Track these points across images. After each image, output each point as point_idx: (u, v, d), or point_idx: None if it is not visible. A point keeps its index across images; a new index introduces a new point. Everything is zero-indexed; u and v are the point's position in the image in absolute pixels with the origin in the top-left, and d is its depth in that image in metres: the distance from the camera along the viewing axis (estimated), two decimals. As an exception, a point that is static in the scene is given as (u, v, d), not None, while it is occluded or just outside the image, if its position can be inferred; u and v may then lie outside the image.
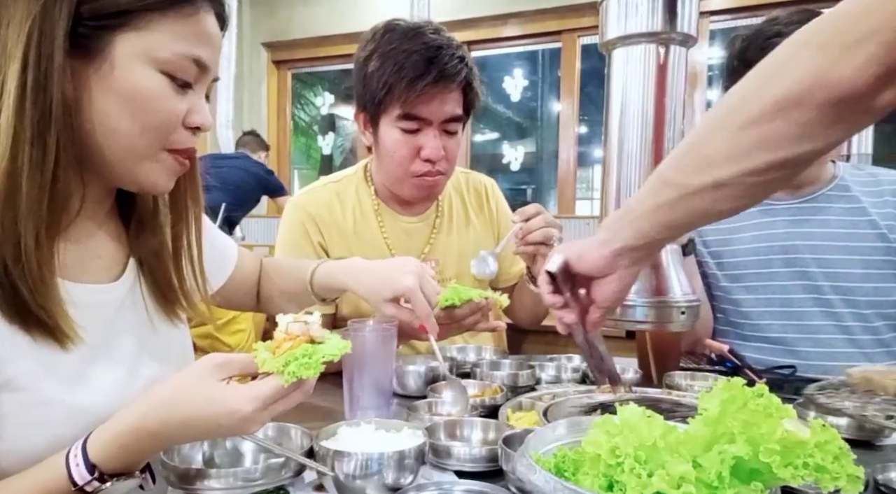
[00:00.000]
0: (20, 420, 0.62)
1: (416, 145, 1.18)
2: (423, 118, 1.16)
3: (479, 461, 0.70)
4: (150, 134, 0.65)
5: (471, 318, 1.08)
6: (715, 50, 3.43)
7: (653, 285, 0.80)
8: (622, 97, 0.80)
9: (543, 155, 4.56)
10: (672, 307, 0.80)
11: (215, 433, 0.60)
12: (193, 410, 0.58)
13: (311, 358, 0.60)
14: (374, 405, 0.90)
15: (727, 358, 1.14)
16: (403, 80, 1.11)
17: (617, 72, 0.81)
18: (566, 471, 0.51)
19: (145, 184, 0.69)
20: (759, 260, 1.25)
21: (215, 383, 0.59)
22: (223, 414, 0.58)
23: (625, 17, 0.78)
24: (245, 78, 4.30)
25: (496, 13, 3.77)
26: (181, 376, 0.61)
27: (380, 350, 0.91)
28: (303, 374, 0.59)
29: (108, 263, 0.75)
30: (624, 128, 0.81)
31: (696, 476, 0.46)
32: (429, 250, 1.32)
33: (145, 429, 0.58)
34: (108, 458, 0.58)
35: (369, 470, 0.63)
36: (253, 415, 0.58)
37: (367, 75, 1.17)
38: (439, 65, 1.12)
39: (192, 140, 0.70)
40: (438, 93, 1.14)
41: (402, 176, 1.21)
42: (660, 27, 0.76)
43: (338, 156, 4.98)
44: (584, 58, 3.67)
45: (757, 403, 0.48)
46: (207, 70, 0.68)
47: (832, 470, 0.45)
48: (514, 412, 0.88)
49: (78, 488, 0.57)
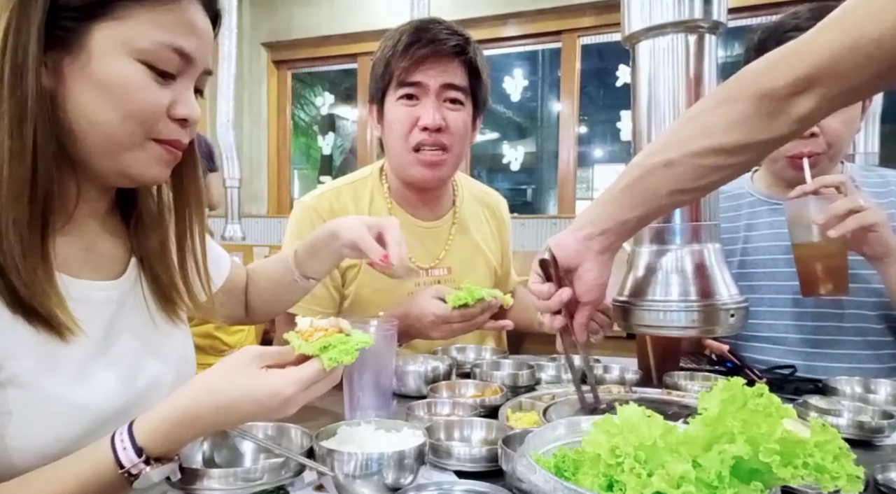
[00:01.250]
0: (26, 417, 0.62)
1: (414, 115, 1.18)
2: (419, 82, 1.17)
3: (479, 461, 0.70)
4: (131, 124, 0.65)
5: (481, 317, 1.10)
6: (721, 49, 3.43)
7: (698, 287, 0.77)
8: (650, 92, 0.77)
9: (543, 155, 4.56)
10: (720, 310, 0.76)
11: (259, 415, 0.63)
12: (239, 393, 0.61)
13: (348, 345, 0.64)
14: (374, 405, 0.90)
15: (727, 358, 1.14)
16: (398, 50, 1.16)
17: (644, 65, 0.77)
18: (566, 471, 0.51)
19: (135, 174, 0.69)
20: (764, 258, 1.25)
21: (256, 369, 0.63)
22: (266, 397, 0.61)
23: (649, 8, 0.75)
24: (245, 78, 4.30)
25: (496, 13, 3.77)
26: (222, 365, 0.64)
27: (380, 350, 0.91)
28: (343, 360, 0.63)
29: (110, 261, 0.75)
30: (656, 124, 0.77)
31: (696, 475, 0.46)
32: (444, 255, 1.31)
33: (193, 413, 0.61)
34: (154, 442, 0.60)
35: (369, 470, 0.63)
36: (294, 397, 0.61)
37: (373, 66, 1.22)
38: (431, 32, 1.16)
39: (179, 132, 0.69)
40: (433, 58, 1.16)
41: (404, 151, 1.21)
42: (687, 15, 0.74)
43: (338, 156, 4.98)
44: (584, 58, 3.67)
45: (757, 403, 0.48)
46: (193, 61, 0.67)
47: (832, 470, 0.45)
48: (514, 412, 0.88)
49: (124, 470, 0.59)
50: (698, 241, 0.77)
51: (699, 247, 0.77)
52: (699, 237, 0.77)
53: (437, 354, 1.21)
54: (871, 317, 1.18)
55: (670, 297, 0.76)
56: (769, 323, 1.24)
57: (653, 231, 0.78)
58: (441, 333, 1.09)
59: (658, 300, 0.77)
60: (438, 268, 1.31)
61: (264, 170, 4.36)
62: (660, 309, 0.77)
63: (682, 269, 0.77)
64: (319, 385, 0.64)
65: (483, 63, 1.23)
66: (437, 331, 1.09)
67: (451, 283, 1.27)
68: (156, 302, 0.78)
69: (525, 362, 1.11)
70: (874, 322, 1.18)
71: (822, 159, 1.16)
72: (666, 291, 0.77)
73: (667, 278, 0.77)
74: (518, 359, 1.16)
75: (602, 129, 4.60)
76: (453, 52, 1.17)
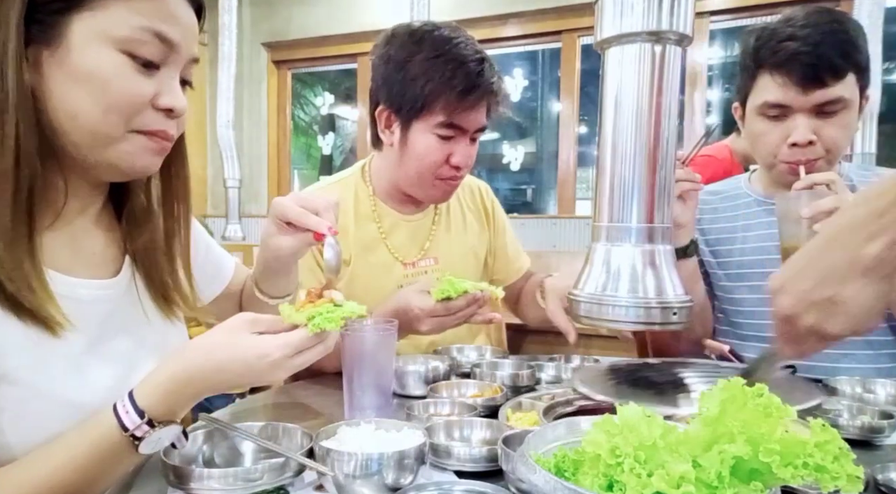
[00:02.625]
0: (19, 414, 0.62)
1: (448, 151, 1.20)
2: (462, 127, 1.18)
3: (479, 461, 0.70)
4: (113, 116, 0.64)
5: (467, 310, 1.09)
6: (715, 50, 3.42)
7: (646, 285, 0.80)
8: (616, 97, 0.80)
9: (543, 155, 4.57)
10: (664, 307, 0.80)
11: (248, 377, 0.65)
12: (228, 354, 0.64)
13: (334, 314, 0.67)
14: (374, 405, 0.90)
15: (727, 359, 1.14)
16: (455, 91, 1.13)
17: (612, 71, 0.80)
18: (566, 471, 0.51)
19: (125, 167, 0.68)
20: (761, 259, 1.25)
21: (247, 333, 0.66)
22: (254, 357, 0.64)
23: (620, 16, 0.77)
24: (245, 78, 4.30)
25: (496, 13, 3.77)
26: (215, 329, 0.67)
27: (380, 350, 0.91)
28: (326, 326, 0.66)
29: (104, 260, 0.75)
30: (618, 128, 0.80)
31: (696, 475, 0.46)
32: (429, 246, 1.33)
33: (186, 374, 0.64)
34: (155, 404, 0.63)
35: (369, 470, 0.63)
36: (281, 361, 0.64)
37: (408, 78, 1.16)
38: (487, 78, 1.16)
39: (165, 122, 0.69)
40: (480, 105, 1.18)
41: (428, 179, 1.23)
42: (655, 26, 0.76)
43: (338, 156, 4.98)
44: (584, 58, 3.67)
45: (757, 403, 0.48)
46: (176, 48, 0.67)
47: (832, 470, 0.45)
48: (514, 412, 0.88)
49: (129, 433, 0.61)
50: (651, 242, 0.80)
51: (651, 247, 0.80)
52: (652, 238, 0.80)
53: (437, 354, 1.21)
54: None
55: (619, 293, 0.79)
56: (767, 324, 1.24)
57: (609, 229, 0.81)
58: (428, 327, 1.09)
59: (608, 295, 0.80)
60: (425, 259, 1.32)
61: (264, 170, 4.36)
62: (609, 303, 0.80)
63: (632, 267, 0.80)
64: (310, 352, 0.67)
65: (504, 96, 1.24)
66: (424, 325, 1.09)
67: (439, 274, 1.28)
68: (151, 301, 0.79)
69: (525, 362, 1.11)
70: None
71: (820, 164, 1.16)
72: (616, 287, 0.80)
73: (618, 275, 0.80)
74: (518, 359, 1.16)
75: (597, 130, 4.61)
76: (496, 95, 1.20)
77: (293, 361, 0.66)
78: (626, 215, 0.80)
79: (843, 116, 1.14)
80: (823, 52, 1.09)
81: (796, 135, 1.13)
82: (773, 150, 1.18)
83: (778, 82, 1.13)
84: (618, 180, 0.81)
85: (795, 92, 1.11)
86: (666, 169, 0.80)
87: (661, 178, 0.79)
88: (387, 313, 1.10)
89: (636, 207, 0.80)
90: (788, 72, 1.11)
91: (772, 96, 1.14)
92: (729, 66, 3.71)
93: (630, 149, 0.79)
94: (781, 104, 1.14)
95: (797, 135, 1.13)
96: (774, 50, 1.12)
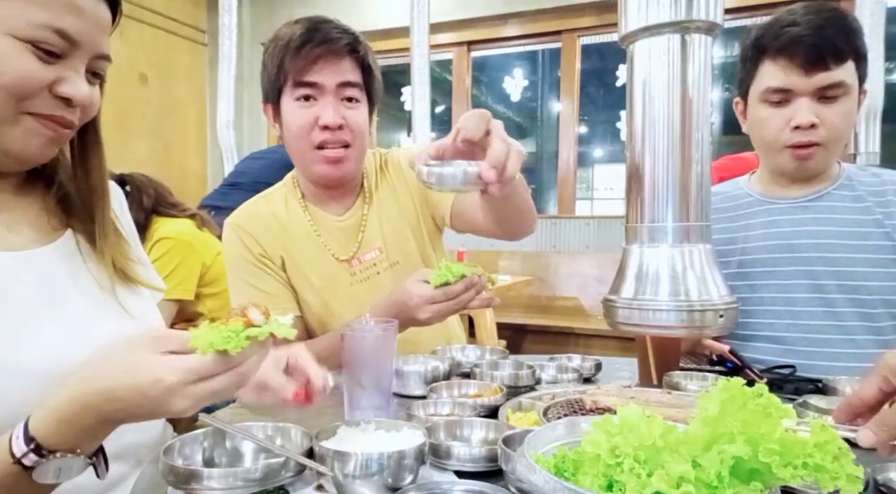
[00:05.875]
0: None
1: (313, 115, 1.19)
2: (316, 83, 1.18)
3: (479, 461, 0.70)
4: (4, 95, 0.65)
5: (465, 295, 1.08)
6: (715, 50, 3.42)
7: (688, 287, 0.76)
8: (645, 92, 0.77)
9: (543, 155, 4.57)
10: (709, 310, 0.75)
11: (141, 407, 0.56)
12: (119, 380, 0.55)
13: (238, 335, 0.56)
14: (374, 405, 0.90)
15: (727, 358, 1.14)
16: (290, 50, 1.16)
17: (640, 65, 0.77)
18: (566, 471, 0.51)
19: (16, 151, 0.69)
20: (763, 258, 1.25)
21: (148, 353, 0.56)
22: (146, 383, 0.54)
23: (646, 8, 0.75)
24: (245, 78, 4.30)
25: (496, 13, 3.77)
26: (115, 348, 0.58)
27: (379, 350, 0.91)
28: (223, 346, 0.54)
29: (34, 231, 0.76)
30: (649, 124, 0.76)
31: (696, 476, 0.46)
32: (363, 238, 1.30)
33: (78, 403, 0.56)
34: (49, 433, 0.56)
35: (369, 470, 0.63)
36: (178, 387, 0.54)
37: (264, 67, 1.23)
38: (322, 32, 1.17)
39: (61, 109, 0.69)
40: (326, 57, 1.17)
41: (307, 150, 1.21)
42: (683, 16, 0.74)
43: (338, 156, 4.97)
44: (584, 58, 3.67)
45: (757, 403, 0.48)
46: (77, 43, 0.68)
47: (832, 470, 0.45)
48: (514, 412, 0.88)
49: (16, 460, 0.56)
50: (689, 241, 0.77)
51: (690, 247, 0.77)
52: (690, 237, 0.77)
53: (437, 354, 1.21)
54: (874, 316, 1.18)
55: (660, 297, 0.76)
56: (769, 322, 1.24)
57: (644, 230, 0.79)
58: (428, 314, 1.08)
59: (647, 299, 0.77)
60: (369, 253, 1.29)
61: (264, 170, 4.35)
62: (649, 308, 0.76)
63: (672, 269, 0.76)
64: (216, 380, 0.56)
65: (373, 58, 1.24)
66: (424, 313, 1.08)
67: (386, 262, 1.28)
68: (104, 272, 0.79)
69: (525, 362, 1.11)
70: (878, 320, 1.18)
71: (820, 151, 1.18)
72: (656, 291, 0.77)
73: (657, 277, 0.77)
74: (518, 359, 1.16)
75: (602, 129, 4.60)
76: (346, 50, 1.18)
77: (194, 389, 0.55)
78: (662, 214, 0.76)
79: (844, 102, 1.16)
80: (826, 34, 1.12)
81: (799, 117, 1.15)
82: (777, 135, 1.19)
83: (781, 65, 1.15)
84: (651, 178, 0.78)
85: (798, 75, 1.14)
86: (702, 164, 0.77)
87: (697, 174, 0.77)
88: (386, 305, 1.10)
89: (671, 206, 0.76)
90: (791, 55, 1.14)
91: (775, 81, 1.17)
92: (729, 66, 3.71)
93: (663, 145, 0.76)
94: (784, 88, 1.16)
95: (800, 117, 1.15)
96: (777, 35, 1.15)
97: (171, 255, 1.95)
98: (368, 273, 1.28)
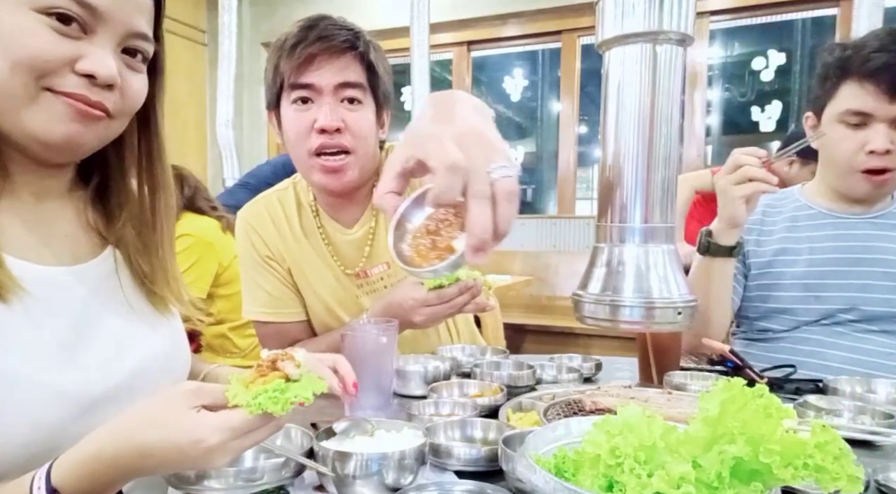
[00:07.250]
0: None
1: (310, 119, 1.10)
2: (312, 85, 1.10)
3: (479, 461, 0.70)
4: (21, 72, 0.62)
5: (460, 298, 1.07)
6: (715, 50, 3.42)
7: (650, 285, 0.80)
8: (618, 98, 0.81)
9: (543, 155, 4.57)
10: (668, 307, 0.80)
11: (179, 464, 0.56)
12: (158, 436, 0.54)
13: (283, 394, 0.57)
14: (374, 405, 0.90)
15: (728, 358, 1.14)
16: (285, 51, 1.10)
17: (613, 72, 0.81)
18: (566, 471, 0.51)
19: (39, 133, 0.65)
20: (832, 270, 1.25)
21: (185, 409, 0.56)
22: (187, 443, 0.54)
23: (621, 17, 0.78)
24: (245, 78, 4.30)
25: (496, 13, 3.77)
26: (149, 401, 0.57)
27: (380, 350, 0.91)
28: (270, 408, 0.56)
29: (75, 246, 0.74)
30: (620, 128, 0.81)
31: (696, 476, 0.46)
32: (369, 253, 1.25)
33: (113, 456, 0.54)
34: (70, 484, 0.55)
35: (369, 470, 0.63)
36: (219, 446, 0.54)
37: (265, 73, 1.18)
38: (317, 29, 1.10)
39: (86, 88, 0.65)
40: (323, 56, 1.09)
41: (305, 157, 1.14)
42: (656, 27, 0.77)
43: (338, 155, 4.97)
44: (584, 58, 3.67)
45: (757, 403, 0.48)
46: (103, 17, 0.64)
47: (832, 471, 0.45)
48: (514, 412, 0.88)
49: None
50: (654, 242, 0.80)
51: (654, 247, 0.81)
52: (655, 238, 0.80)
53: (437, 354, 1.21)
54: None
55: (624, 293, 0.79)
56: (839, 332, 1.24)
57: (614, 229, 0.82)
58: (423, 318, 1.08)
59: (612, 295, 0.80)
60: (376, 267, 1.25)
61: (264, 170, 4.36)
62: (613, 304, 0.80)
63: (637, 267, 0.80)
64: (257, 433, 0.57)
65: (379, 55, 1.15)
66: (419, 315, 1.07)
67: (393, 277, 1.24)
68: (137, 293, 0.77)
69: (525, 362, 1.11)
70: None
71: (894, 175, 1.20)
72: (621, 287, 0.80)
73: (622, 275, 0.81)
74: (518, 359, 1.16)
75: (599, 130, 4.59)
76: (343, 47, 1.10)
77: (235, 445, 0.56)
78: (629, 215, 0.80)
79: None
80: None
81: (875, 142, 1.17)
82: (850, 158, 1.21)
83: (866, 90, 1.17)
84: (620, 180, 0.81)
85: (881, 101, 1.15)
86: (668, 168, 0.80)
87: (664, 178, 0.80)
88: (382, 308, 1.10)
89: (639, 207, 0.80)
90: (878, 81, 1.15)
91: (856, 104, 1.18)
92: (729, 66, 3.71)
93: (632, 149, 0.80)
94: (864, 112, 1.17)
95: (876, 142, 1.16)
96: (866, 58, 1.16)
97: (189, 252, 1.96)
98: (375, 286, 1.26)
